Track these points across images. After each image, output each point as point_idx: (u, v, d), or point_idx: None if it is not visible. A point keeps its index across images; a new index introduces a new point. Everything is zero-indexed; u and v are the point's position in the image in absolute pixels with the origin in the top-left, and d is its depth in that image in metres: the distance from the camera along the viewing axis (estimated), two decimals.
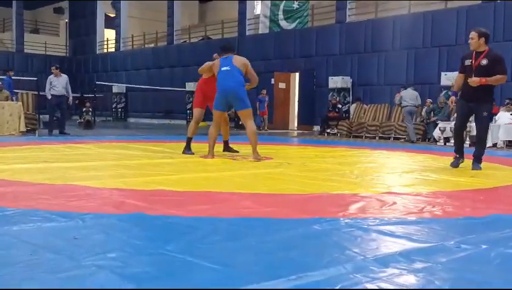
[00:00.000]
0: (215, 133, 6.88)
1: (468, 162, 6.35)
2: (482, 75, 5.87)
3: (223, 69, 6.70)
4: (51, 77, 12.01)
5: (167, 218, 3.01)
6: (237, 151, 7.58)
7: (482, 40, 5.97)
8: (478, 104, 6.05)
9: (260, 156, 6.64)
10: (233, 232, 2.73)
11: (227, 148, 7.71)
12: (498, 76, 5.89)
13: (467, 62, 6.06)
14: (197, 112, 7.42)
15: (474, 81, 5.89)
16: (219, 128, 7.07)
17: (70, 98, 12.10)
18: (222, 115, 6.96)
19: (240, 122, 18.29)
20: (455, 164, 6.34)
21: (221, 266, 2.10)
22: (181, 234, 2.68)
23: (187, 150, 7.29)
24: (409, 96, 13.13)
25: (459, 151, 6.39)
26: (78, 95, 23.69)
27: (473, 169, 6.09)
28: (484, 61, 5.92)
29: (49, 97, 11.85)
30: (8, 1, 28.33)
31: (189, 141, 7.36)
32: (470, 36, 6.02)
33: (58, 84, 11.88)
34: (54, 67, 12.08)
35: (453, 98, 6.35)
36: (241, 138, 11.64)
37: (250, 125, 6.68)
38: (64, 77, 12.00)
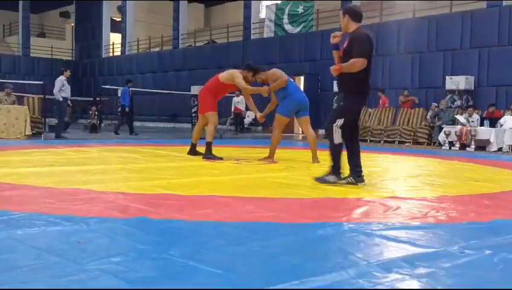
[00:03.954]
0: (279, 138, 7.17)
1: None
2: (346, 62, 4.71)
3: (291, 80, 7.16)
4: (64, 79, 12.05)
5: (171, 222, 3.02)
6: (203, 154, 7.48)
7: (347, 18, 4.79)
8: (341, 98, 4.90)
9: (318, 160, 6.99)
10: (236, 237, 2.73)
11: (195, 151, 7.60)
12: (352, 60, 4.62)
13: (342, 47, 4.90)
14: (214, 116, 7.34)
15: (331, 69, 4.80)
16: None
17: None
18: (287, 121, 7.26)
19: (242, 127, 18.38)
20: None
21: (223, 270, 2.11)
22: (184, 238, 2.69)
23: (211, 154, 7.13)
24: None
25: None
26: (84, 98, 23.83)
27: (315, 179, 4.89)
28: (345, 44, 4.79)
29: (61, 99, 11.93)
30: (15, 5, 28.50)
31: (210, 146, 7.22)
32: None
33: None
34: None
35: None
36: (242, 142, 11.61)
37: (312, 132, 7.20)
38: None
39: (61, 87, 11.85)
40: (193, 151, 7.58)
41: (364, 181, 4.85)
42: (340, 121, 4.75)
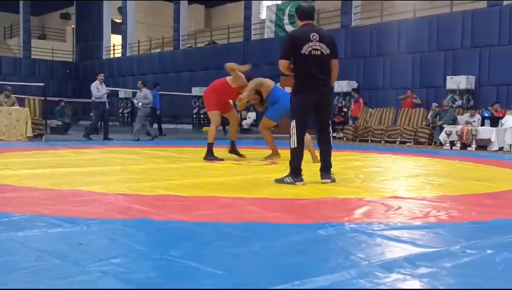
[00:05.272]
0: (270, 136, 7.44)
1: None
2: None
3: (278, 86, 7.50)
4: (98, 83, 12.17)
5: (172, 223, 3.02)
6: (243, 156, 7.51)
7: (296, 17, 4.96)
8: None
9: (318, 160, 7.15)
10: (237, 238, 2.72)
11: (235, 150, 7.64)
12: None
13: None
14: (216, 115, 7.24)
15: None
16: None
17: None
18: (273, 124, 7.57)
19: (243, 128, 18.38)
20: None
21: (224, 271, 2.10)
22: (185, 239, 2.68)
23: (211, 156, 7.08)
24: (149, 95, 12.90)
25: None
26: (85, 100, 23.78)
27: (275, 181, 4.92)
28: None
29: (104, 100, 12.29)
30: (16, 7, 28.54)
31: (211, 147, 7.16)
32: None
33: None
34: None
35: None
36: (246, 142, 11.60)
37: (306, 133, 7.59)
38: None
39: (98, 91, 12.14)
40: (234, 151, 7.67)
41: (334, 178, 4.95)
42: (293, 123, 4.80)
